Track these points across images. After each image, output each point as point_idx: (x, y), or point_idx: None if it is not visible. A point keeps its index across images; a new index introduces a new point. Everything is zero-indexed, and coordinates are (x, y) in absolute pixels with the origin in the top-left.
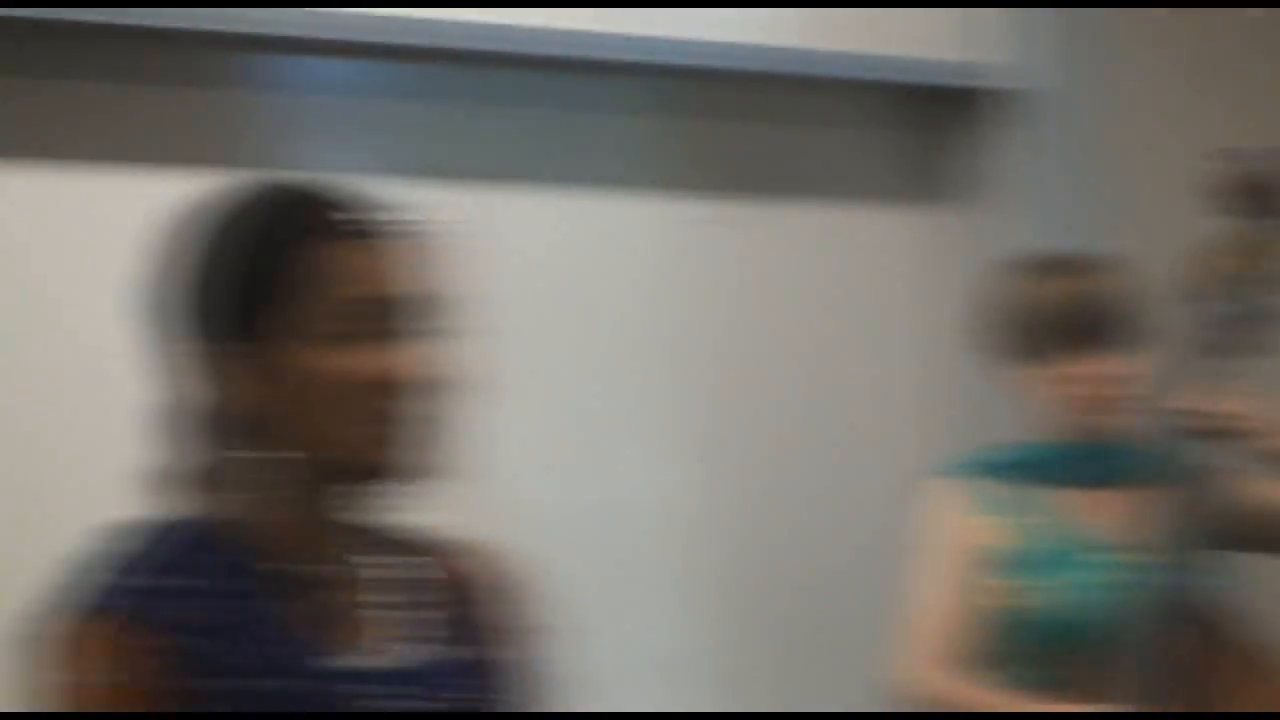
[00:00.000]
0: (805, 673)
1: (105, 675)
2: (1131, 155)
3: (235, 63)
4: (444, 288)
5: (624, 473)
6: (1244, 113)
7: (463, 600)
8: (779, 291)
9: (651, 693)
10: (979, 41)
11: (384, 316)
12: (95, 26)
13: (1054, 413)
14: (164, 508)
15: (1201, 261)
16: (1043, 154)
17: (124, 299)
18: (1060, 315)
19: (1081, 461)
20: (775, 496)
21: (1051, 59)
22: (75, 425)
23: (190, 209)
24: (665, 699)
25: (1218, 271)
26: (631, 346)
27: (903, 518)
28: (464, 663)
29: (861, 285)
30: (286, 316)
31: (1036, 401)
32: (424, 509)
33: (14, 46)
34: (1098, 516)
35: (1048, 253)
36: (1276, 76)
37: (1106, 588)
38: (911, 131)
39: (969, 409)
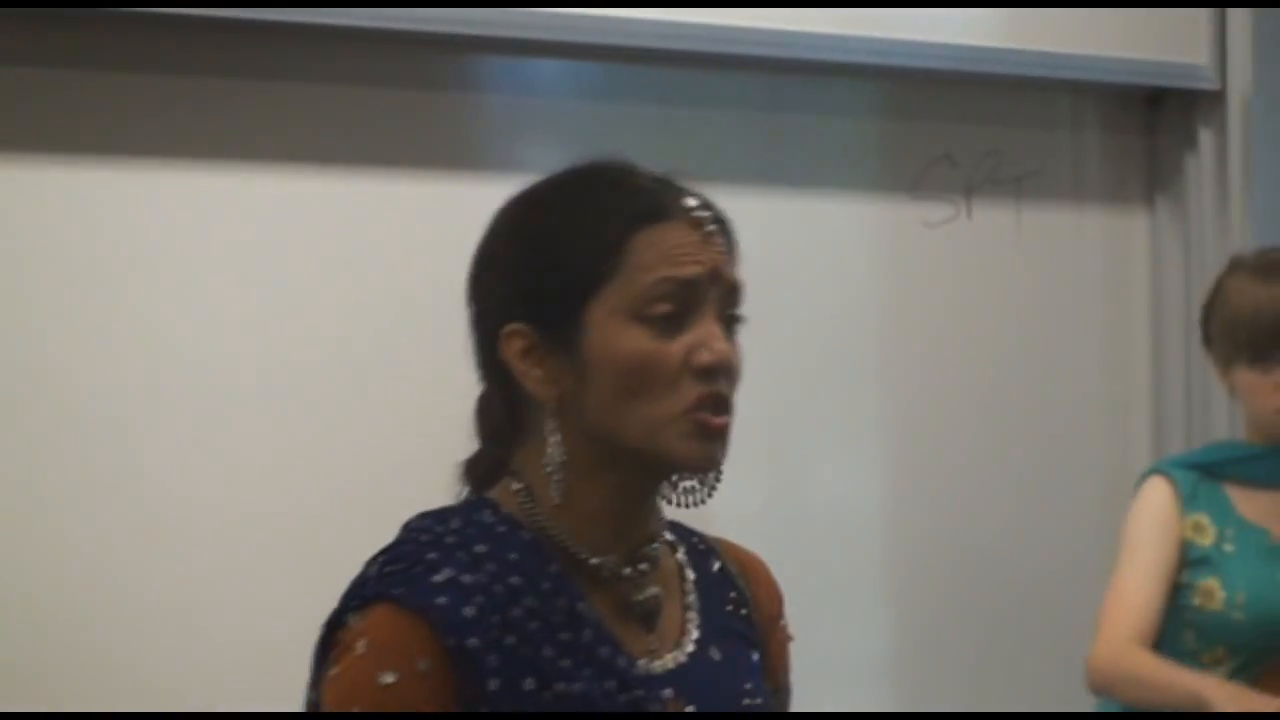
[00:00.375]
0: (1001, 675)
1: (384, 671)
2: None
3: (449, 64)
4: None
5: (821, 473)
6: None
7: (742, 599)
8: (986, 292)
9: (845, 694)
10: (1185, 43)
11: (706, 300)
12: (306, 27)
13: (1264, 416)
14: (469, 498)
15: None
16: (1249, 154)
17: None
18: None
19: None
20: (979, 499)
21: (1253, 60)
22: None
23: (511, 197)
24: (859, 700)
25: None
26: (833, 347)
27: (1108, 520)
28: (745, 660)
29: (1065, 285)
30: (613, 299)
31: (1250, 403)
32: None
33: (233, 48)
34: None
35: (1267, 253)
36: None
37: None
38: (1120, 132)
39: (1181, 408)
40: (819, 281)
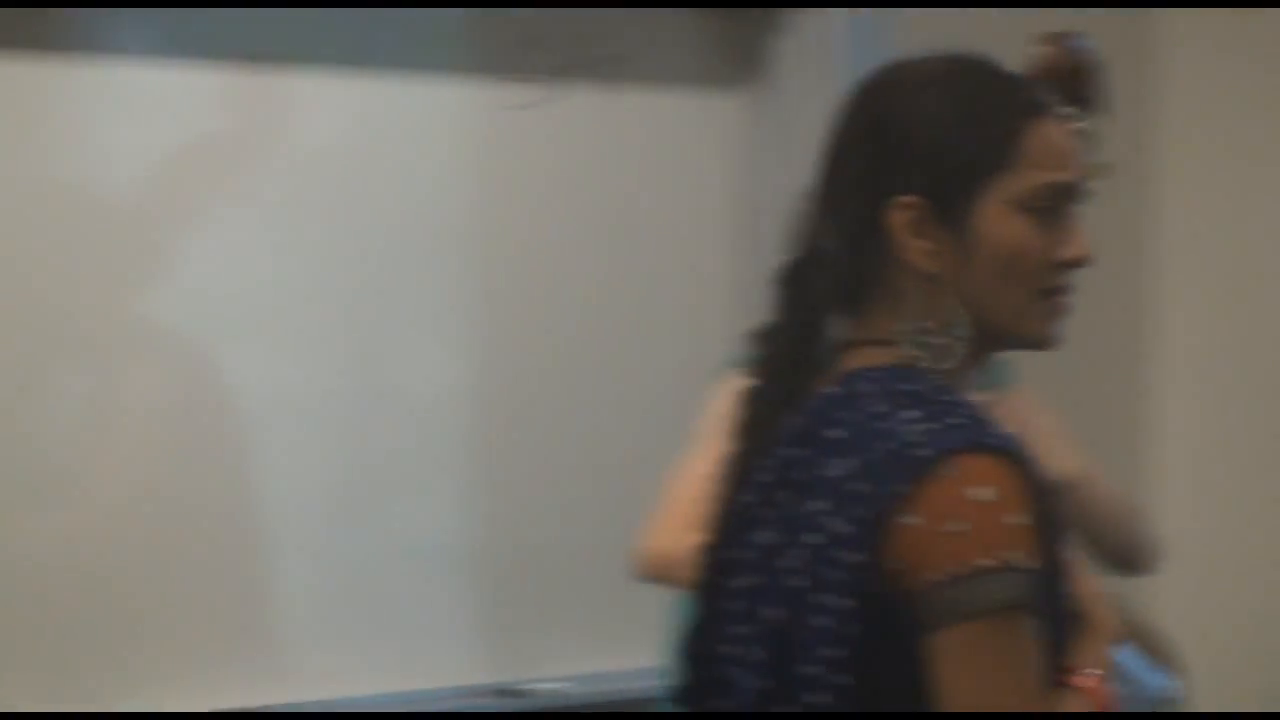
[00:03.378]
0: (590, 561)
1: (1016, 513)
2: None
3: None
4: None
5: (409, 358)
6: None
7: None
8: (577, 172)
9: (425, 582)
10: None
11: (1071, 199)
12: None
13: None
14: (870, 366)
15: None
16: (845, 34)
17: None
18: None
19: None
20: (570, 383)
21: None
22: None
23: (894, 76)
24: (439, 589)
25: None
26: (421, 231)
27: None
28: None
29: (662, 170)
30: (1005, 187)
31: None
32: None
33: None
34: None
35: None
36: None
37: None
38: (712, 13)
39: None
40: (405, 164)
